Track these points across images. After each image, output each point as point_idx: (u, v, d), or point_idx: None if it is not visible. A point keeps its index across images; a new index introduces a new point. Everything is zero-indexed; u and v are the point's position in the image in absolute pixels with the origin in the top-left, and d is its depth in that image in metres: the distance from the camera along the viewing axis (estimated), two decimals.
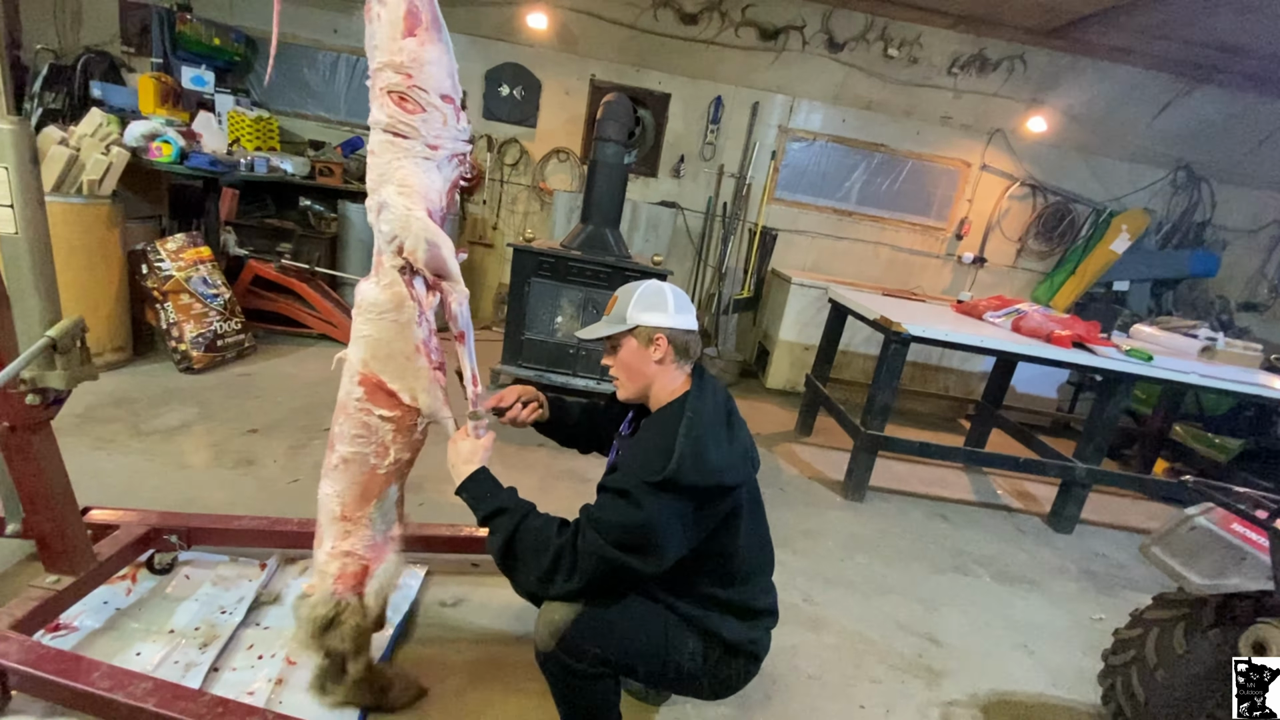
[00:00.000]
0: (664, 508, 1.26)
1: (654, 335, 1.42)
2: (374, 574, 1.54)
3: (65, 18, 4.97)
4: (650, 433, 1.38)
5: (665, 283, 1.48)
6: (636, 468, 1.29)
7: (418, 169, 1.34)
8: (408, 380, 1.43)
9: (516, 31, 5.11)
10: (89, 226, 3.10)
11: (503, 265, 5.64)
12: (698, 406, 1.37)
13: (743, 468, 1.39)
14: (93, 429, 2.74)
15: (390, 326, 1.39)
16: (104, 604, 1.80)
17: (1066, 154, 5.43)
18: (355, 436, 1.44)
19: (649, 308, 1.43)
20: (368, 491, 1.49)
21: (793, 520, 3.03)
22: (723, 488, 1.33)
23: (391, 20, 1.28)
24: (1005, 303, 3.76)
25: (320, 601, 1.48)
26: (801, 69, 5.22)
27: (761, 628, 1.52)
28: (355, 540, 1.51)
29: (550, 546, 1.31)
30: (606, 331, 1.46)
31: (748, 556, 1.45)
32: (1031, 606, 2.69)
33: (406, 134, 1.32)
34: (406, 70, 1.29)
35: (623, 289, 1.49)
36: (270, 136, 4.84)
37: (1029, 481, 4.07)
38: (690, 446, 1.28)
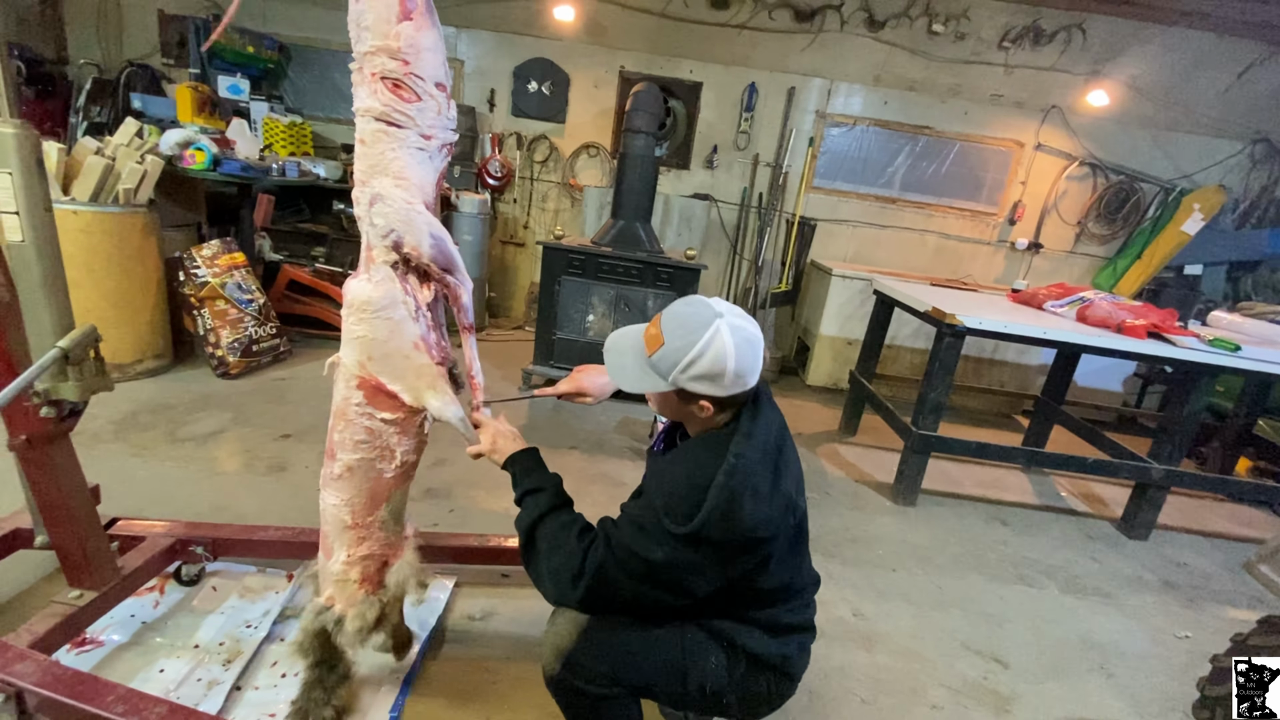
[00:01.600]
0: (682, 557, 1.13)
1: (700, 400, 1.19)
2: (393, 566, 1.52)
3: (108, 33, 5.10)
4: (683, 466, 1.19)
5: (730, 333, 1.13)
6: (660, 506, 1.14)
7: (413, 160, 1.26)
8: (409, 380, 1.35)
9: (544, 26, 5.03)
10: (126, 235, 3.13)
11: (534, 264, 5.56)
12: (744, 452, 1.15)
13: (781, 519, 1.20)
14: (131, 436, 2.76)
15: (385, 324, 1.31)
16: (131, 617, 1.77)
17: (1130, 129, 5.06)
18: (358, 443, 1.37)
19: (699, 379, 1.15)
20: (376, 497, 1.44)
21: (839, 527, 2.85)
22: (755, 540, 1.16)
23: (386, 2, 1.20)
24: (1067, 291, 3.49)
25: (365, 606, 1.46)
26: (839, 50, 4.98)
27: (794, 644, 1.35)
28: (370, 544, 1.48)
29: (564, 547, 1.22)
30: (644, 388, 1.22)
31: (779, 584, 1.29)
32: (1107, 622, 2.46)
33: (402, 123, 1.24)
34: (403, 56, 1.20)
35: (673, 328, 1.17)
36: (304, 141, 4.88)
37: (1096, 483, 3.79)
38: (724, 502, 1.11)
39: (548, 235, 5.24)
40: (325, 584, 1.48)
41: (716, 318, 1.15)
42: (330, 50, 5.21)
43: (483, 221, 4.94)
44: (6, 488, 2.15)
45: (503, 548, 2.06)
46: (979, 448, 3.15)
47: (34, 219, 1.33)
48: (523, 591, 2.10)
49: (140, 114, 4.41)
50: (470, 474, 2.82)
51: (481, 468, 2.84)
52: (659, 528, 1.12)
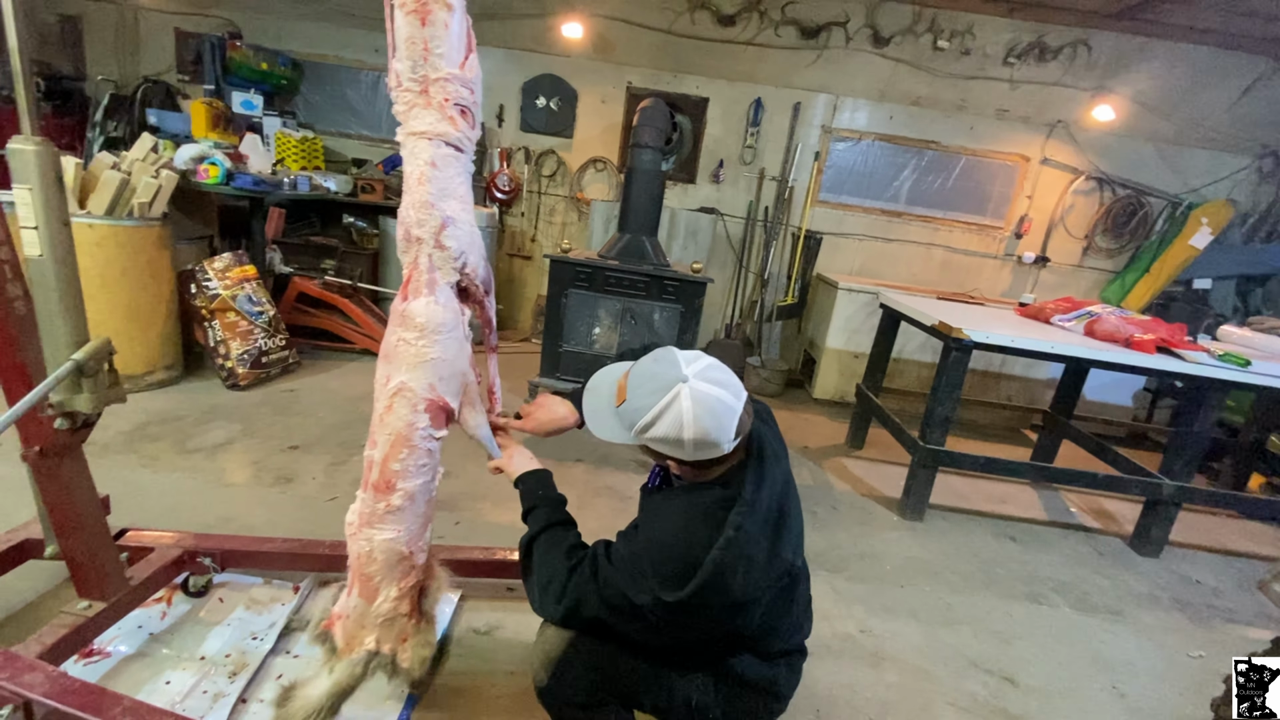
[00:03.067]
0: (667, 615, 1.12)
1: (668, 459, 1.20)
2: (429, 590, 1.53)
3: (125, 50, 5.21)
4: (677, 523, 1.15)
5: (689, 405, 1.08)
6: (650, 566, 1.11)
7: (467, 183, 1.33)
8: (469, 395, 1.43)
9: (552, 42, 5.10)
10: (140, 248, 3.17)
11: (541, 277, 5.60)
12: (743, 525, 1.11)
13: (775, 582, 1.18)
14: (141, 446, 2.78)
15: (454, 345, 1.35)
16: (138, 628, 1.78)
17: (1137, 144, 5.06)
18: (421, 467, 1.36)
19: (659, 443, 1.14)
20: (428, 519, 1.47)
21: (846, 542, 2.84)
22: (743, 603, 1.14)
23: (459, 33, 1.26)
24: (1075, 305, 3.48)
25: (426, 634, 1.49)
26: (845, 66, 5.02)
27: (782, 665, 1.33)
28: (416, 571, 1.48)
29: (551, 564, 1.25)
30: (610, 437, 1.22)
31: (767, 627, 1.27)
32: (1118, 640, 2.42)
33: (465, 149, 1.31)
34: (472, 85, 1.28)
35: (635, 386, 1.15)
36: (315, 156, 4.94)
37: (1106, 499, 3.75)
38: (717, 576, 1.08)
39: (554, 248, 5.27)
40: (364, 629, 1.43)
41: (679, 382, 1.10)
42: (343, 67, 5.30)
43: (490, 235, 4.98)
44: (18, 498, 2.17)
45: (508, 561, 2.06)
46: (987, 463, 3.13)
47: (52, 233, 1.36)
48: (528, 605, 2.09)
49: (156, 129, 4.49)
50: (476, 486, 2.83)
51: (487, 480, 2.87)
52: (647, 584, 1.11)
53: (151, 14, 5.17)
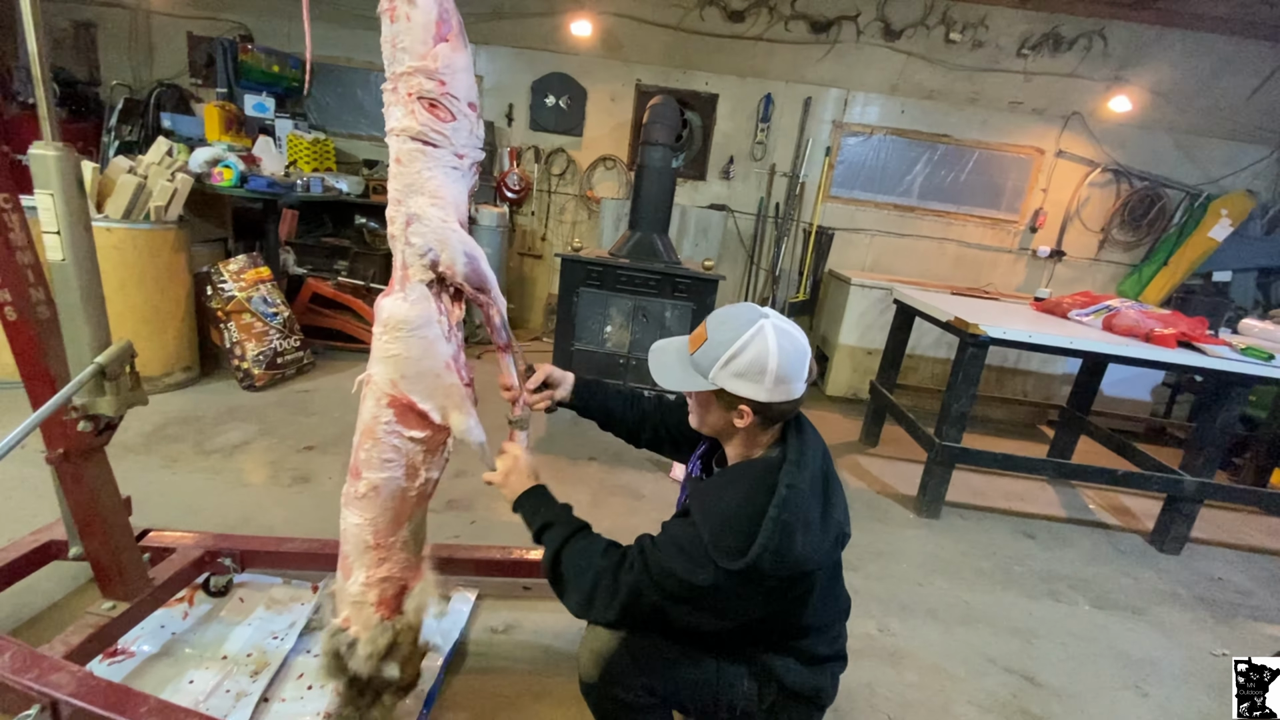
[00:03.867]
0: (729, 587, 1.10)
1: (739, 405, 1.17)
2: (412, 592, 1.50)
3: (139, 55, 5.26)
4: (731, 494, 1.15)
5: (774, 333, 1.13)
6: (709, 537, 1.10)
7: (447, 179, 1.27)
8: (438, 399, 1.36)
9: (561, 41, 5.09)
10: (157, 251, 3.20)
11: (552, 275, 5.61)
12: (795, 483, 1.12)
13: (832, 549, 1.19)
14: (161, 447, 2.81)
15: (419, 343, 1.31)
16: (161, 628, 1.79)
17: (1154, 135, 4.99)
18: (385, 461, 1.37)
19: (740, 375, 1.13)
20: (399, 516, 1.44)
21: (864, 541, 2.82)
22: (804, 573, 1.14)
23: (424, 24, 1.21)
24: (1093, 299, 3.43)
25: (378, 632, 1.43)
26: (856, 60, 4.98)
27: (827, 674, 1.34)
28: (390, 565, 1.46)
29: (592, 568, 1.21)
30: (684, 386, 1.21)
31: (817, 615, 1.27)
32: (1140, 639, 2.39)
33: (438, 142, 1.25)
34: (440, 76, 1.22)
35: (716, 324, 1.18)
36: (327, 157, 4.97)
37: (1125, 495, 3.71)
38: (777, 536, 1.08)
39: (565, 247, 5.27)
40: (343, 604, 1.46)
41: (762, 318, 1.15)
42: (352, 68, 5.32)
43: (501, 234, 4.99)
44: (40, 500, 2.21)
45: (524, 560, 2.06)
46: (1004, 459, 3.10)
47: (74, 238, 1.37)
48: (545, 604, 2.10)
49: (170, 133, 4.53)
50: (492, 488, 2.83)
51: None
52: (706, 557, 1.10)
53: (164, 18, 5.22)
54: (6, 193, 1.36)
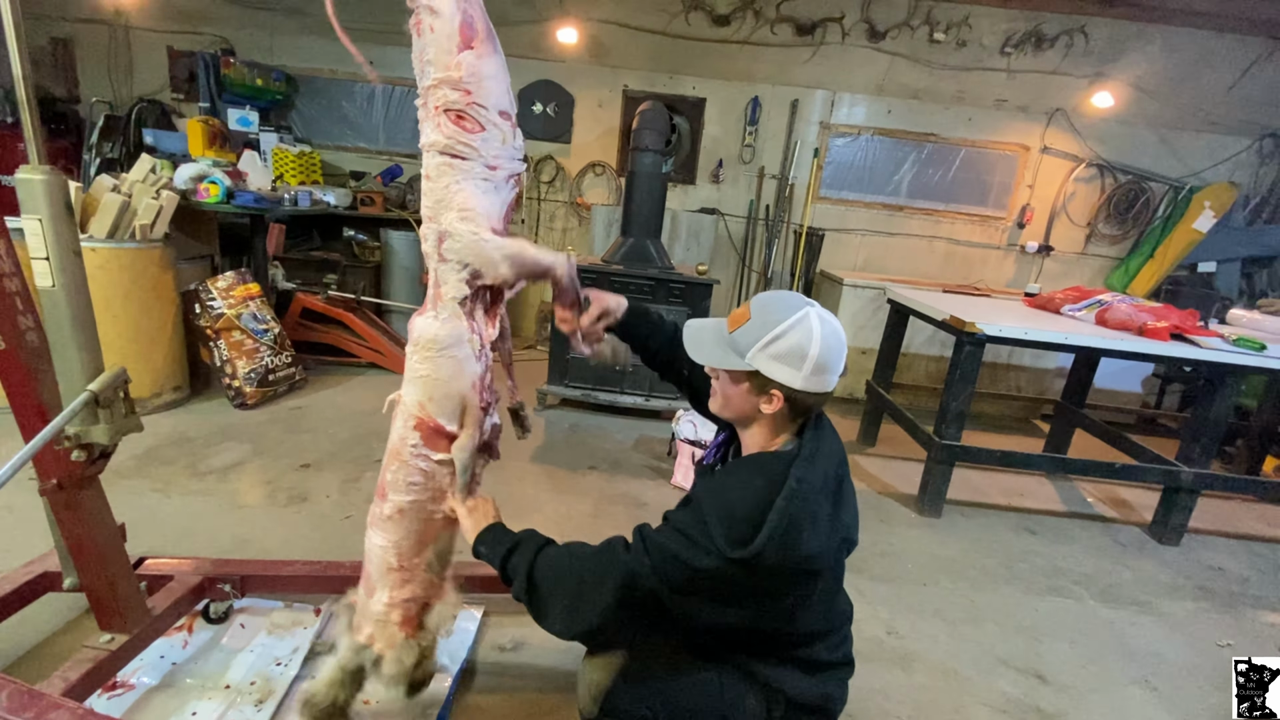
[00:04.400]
0: (732, 576, 1.08)
1: (772, 389, 1.14)
2: (433, 608, 1.49)
3: (118, 71, 5.19)
4: (740, 483, 1.13)
5: (818, 321, 1.12)
6: (714, 525, 1.09)
7: (478, 191, 1.23)
8: (460, 416, 1.34)
9: (548, 48, 5.08)
10: (143, 270, 3.15)
11: (543, 284, 5.57)
12: (805, 477, 1.10)
13: (836, 552, 1.17)
14: (153, 470, 2.76)
15: (449, 364, 1.29)
16: (161, 658, 1.75)
17: (1137, 130, 5.05)
18: (410, 484, 1.34)
19: (780, 358, 1.12)
20: (424, 539, 1.42)
21: (867, 541, 2.79)
22: (807, 572, 1.12)
23: (447, 33, 1.18)
24: (1084, 294, 3.46)
25: (404, 651, 1.43)
26: (841, 62, 5.01)
27: (834, 680, 1.31)
28: (414, 587, 1.45)
29: (575, 568, 1.17)
30: (718, 363, 1.20)
31: (819, 621, 1.25)
32: (1145, 632, 2.40)
33: (466, 155, 1.22)
34: (465, 86, 1.18)
35: (760, 306, 1.17)
36: (313, 170, 4.92)
37: (1122, 487, 3.73)
38: (783, 527, 1.06)
39: None
40: (365, 621, 1.45)
41: (808, 305, 1.14)
42: (336, 80, 5.28)
43: None
44: (32, 529, 2.15)
45: None
46: (1004, 456, 3.11)
47: (64, 263, 1.33)
48: None
49: (152, 149, 4.47)
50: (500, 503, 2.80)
51: (509, 495, 2.84)
52: (710, 543, 1.07)
53: (143, 33, 5.15)
54: None
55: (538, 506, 2.80)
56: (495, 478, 2.99)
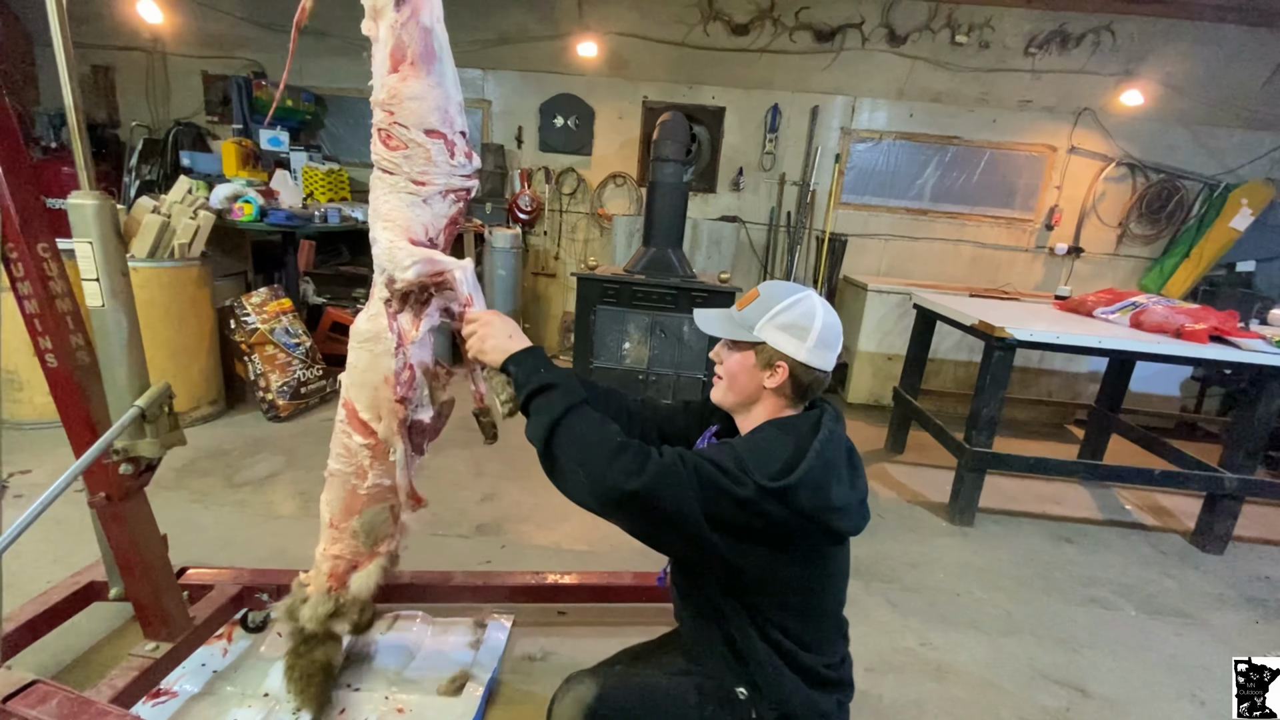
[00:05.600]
0: (763, 508, 1.06)
1: (776, 361, 1.18)
2: (354, 578, 1.61)
3: (156, 95, 5.38)
4: (770, 437, 1.15)
5: (820, 302, 1.21)
6: (751, 461, 1.07)
7: (401, 204, 1.33)
8: (377, 409, 1.45)
9: (568, 62, 5.14)
10: (181, 288, 3.25)
11: (566, 294, 5.63)
12: (834, 430, 1.15)
13: (858, 514, 1.16)
14: (191, 482, 2.84)
15: (366, 356, 1.42)
16: (202, 666, 1.79)
17: (1168, 127, 4.94)
18: (338, 454, 1.51)
19: (785, 328, 1.18)
20: (349, 507, 1.56)
21: (897, 551, 2.77)
22: (828, 529, 1.12)
23: (379, 58, 1.28)
24: (1117, 296, 3.39)
25: (320, 599, 1.59)
26: (862, 67, 4.99)
27: (833, 700, 1.24)
28: (341, 547, 1.59)
29: (614, 437, 1.09)
30: (726, 334, 1.24)
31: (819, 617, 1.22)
32: (1191, 644, 2.33)
33: (391, 170, 1.32)
34: (389, 107, 1.29)
35: (767, 287, 1.24)
36: (341, 187, 5.04)
37: (1162, 494, 3.62)
38: (820, 467, 1.08)
39: (578, 265, 5.31)
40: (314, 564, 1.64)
41: (810, 289, 1.23)
42: (363, 99, 5.38)
43: (515, 255, 5.02)
44: (79, 540, 2.23)
45: (559, 585, 2.05)
46: (1037, 463, 3.04)
47: (113, 284, 1.39)
48: (581, 629, 2.08)
49: (189, 170, 4.62)
50: (520, 509, 2.82)
51: (529, 503, 2.86)
52: (744, 475, 1.06)
53: (179, 59, 5.34)
54: (45, 242, 1.38)
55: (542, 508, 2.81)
56: (525, 488, 3.01)
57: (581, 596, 2.08)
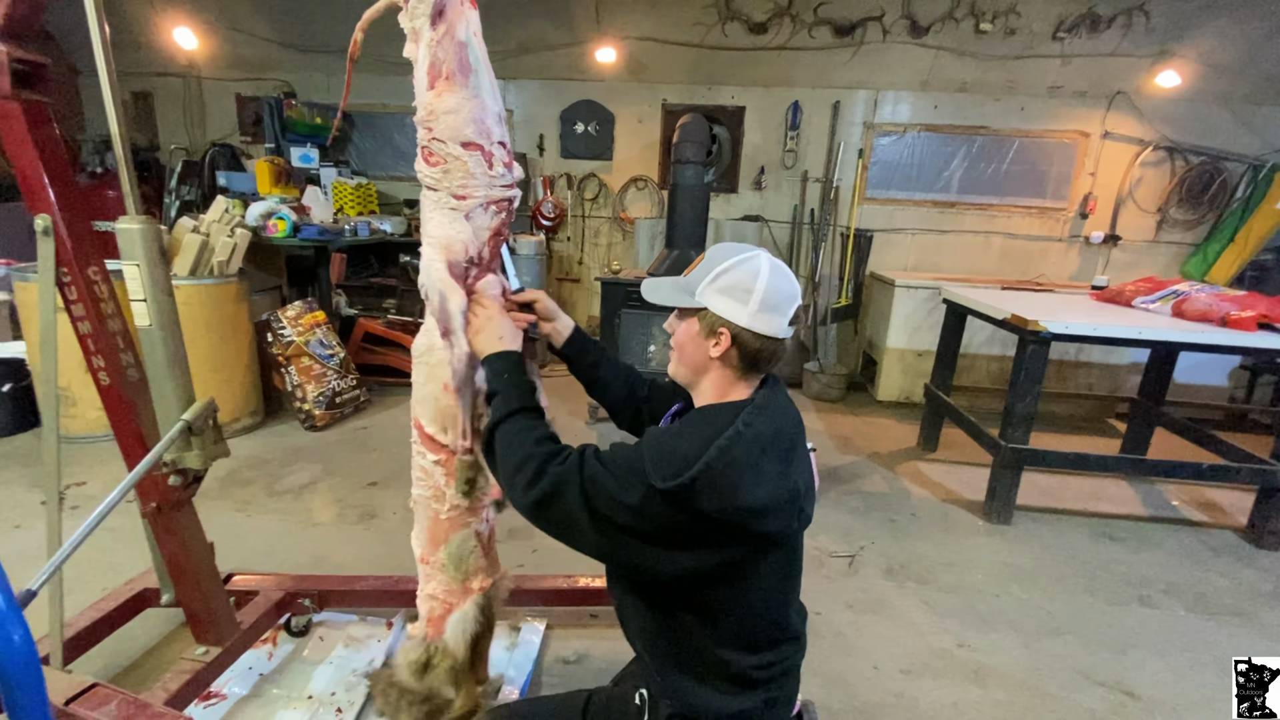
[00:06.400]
0: (656, 511, 0.99)
1: (719, 328, 1.08)
2: (449, 621, 1.50)
3: (193, 118, 5.58)
4: (686, 430, 1.06)
5: (768, 261, 1.11)
6: (650, 458, 1.01)
7: (443, 219, 1.34)
8: (439, 422, 1.41)
9: (587, 69, 5.18)
10: (220, 304, 3.37)
11: (590, 298, 5.66)
12: (753, 423, 1.03)
13: (785, 510, 1.05)
14: (234, 491, 2.93)
15: (424, 369, 1.39)
16: (249, 669, 1.86)
17: (1208, 107, 4.76)
18: (417, 479, 1.47)
19: (726, 291, 1.08)
20: (434, 536, 1.49)
21: (932, 551, 2.73)
22: (748, 528, 1.02)
23: (419, 77, 1.29)
24: (1158, 284, 3.28)
25: (412, 646, 1.49)
26: (883, 60, 4.92)
27: (756, 699, 1.13)
28: (435, 585, 1.51)
29: (521, 449, 1.10)
30: (669, 300, 1.16)
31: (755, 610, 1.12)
32: (1246, 644, 2.24)
33: (434, 186, 1.33)
34: (427, 124, 1.30)
35: (714, 249, 1.16)
36: (370, 200, 5.16)
37: (1212, 489, 3.49)
38: (719, 466, 0.98)
39: (601, 269, 5.33)
40: None
41: (760, 250, 1.12)
42: (388, 113, 5.53)
43: (539, 261, 5.07)
44: (129, 548, 2.32)
45: (591, 588, 2.06)
46: (1077, 459, 2.96)
47: (159, 304, 1.45)
48: (614, 632, 2.08)
49: (225, 189, 4.78)
50: None
51: None
52: (641, 476, 0.99)
53: (213, 82, 5.53)
54: (96, 266, 1.45)
55: None
56: None
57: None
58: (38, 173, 1.36)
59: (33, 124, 1.35)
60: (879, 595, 2.40)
